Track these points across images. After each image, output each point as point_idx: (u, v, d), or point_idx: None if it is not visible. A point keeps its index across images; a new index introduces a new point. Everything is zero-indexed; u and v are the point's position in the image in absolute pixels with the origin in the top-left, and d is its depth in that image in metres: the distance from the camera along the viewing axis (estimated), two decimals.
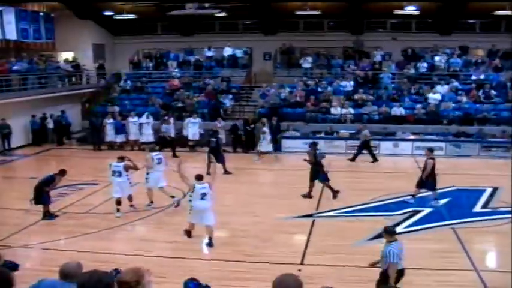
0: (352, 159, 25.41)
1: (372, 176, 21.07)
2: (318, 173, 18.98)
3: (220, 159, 22.05)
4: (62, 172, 17.17)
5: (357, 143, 26.04)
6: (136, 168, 17.77)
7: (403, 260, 10.23)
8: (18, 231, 15.48)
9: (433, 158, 18.04)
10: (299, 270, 11.79)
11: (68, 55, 35.59)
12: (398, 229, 15.15)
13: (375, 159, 25.32)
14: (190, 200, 14.55)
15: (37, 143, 30.13)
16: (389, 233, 10.39)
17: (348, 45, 34.65)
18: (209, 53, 35.47)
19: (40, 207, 16.81)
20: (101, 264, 6.52)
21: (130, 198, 17.58)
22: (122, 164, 17.16)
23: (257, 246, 14.01)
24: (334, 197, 18.75)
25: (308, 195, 18.90)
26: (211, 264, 12.81)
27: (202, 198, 14.32)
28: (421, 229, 15.35)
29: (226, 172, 22.19)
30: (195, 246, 14.37)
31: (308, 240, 14.59)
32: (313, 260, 12.98)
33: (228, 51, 35.03)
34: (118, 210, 17.04)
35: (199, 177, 14.73)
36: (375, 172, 21.71)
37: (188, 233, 14.85)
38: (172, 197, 17.97)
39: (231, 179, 21.54)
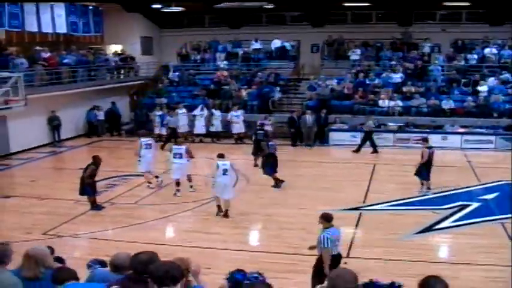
0: (357, 151, 25.61)
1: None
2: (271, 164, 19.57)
3: (258, 153, 22.13)
4: (94, 159, 17.23)
5: (404, 135, 25.85)
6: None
7: (339, 246, 10.46)
8: (68, 221, 15.77)
9: (430, 147, 18.48)
10: (345, 263, 11.75)
11: (117, 48, 35.98)
12: (446, 223, 15.08)
13: (375, 151, 25.45)
14: (213, 177, 15.91)
15: (94, 134, 30.91)
16: (324, 218, 10.57)
17: (397, 36, 34.23)
18: (256, 45, 35.45)
19: (87, 197, 17.10)
20: None
21: (189, 178, 18.78)
22: (183, 146, 18.67)
23: (303, 238, 13.95)
24: (276, 186, 19.33)
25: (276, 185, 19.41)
26: (258, 256, 12.83)
27: (224, 174, 15.89)
28: (468, 223, 15.13)
29: (256, 165, 22.20)
30: (241, 237, 14.46)
31: (354, 234, 14.55)
32: (359, 253, 12.92)
33: (276, 43, 34.94)
34: (178, 190, 18.35)
35: (221, 155, 16.45)
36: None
37: (219, 209, 16.17)
38: (157, 177, 19.61)
39: (280, 171, 21.52)
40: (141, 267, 5.21)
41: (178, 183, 18.43)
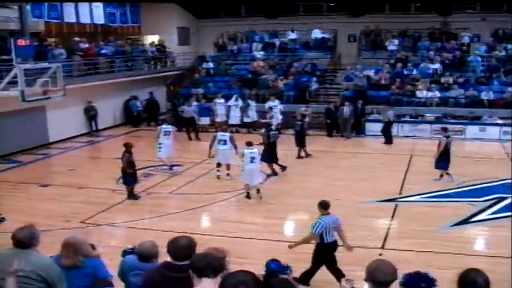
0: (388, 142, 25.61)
1: (457, 160, 20.60)
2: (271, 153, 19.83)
3: (301, 144, 22.09)
4: (126, 146, 17.26)
5: (441, 127, 25.66)
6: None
7: (333, 236, 10.62)
8: (105, 209, 15.96)
9: (447, 137, 18.66)
10: (380, 254, 11.72)
11: (154, 38, 36.17)
12: (483, 216, 14.92)
13: (389, 142, 25.52)
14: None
15: (131, 124, 31.17)
16: (321, 206, 10.95)
17: (435, 26, 33.84)
18: (292, 36, 35.35)
19: (124, 186, 17.30)
20: None
21: (228, 167, 19.35)
22: (227, 133, 19.55)
23: None
24: (273, 174, 19.80)
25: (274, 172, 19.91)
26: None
27: (251, 162, 16.80)
28: (505, 216, 14.88)
29: (299, 157, 22.23)
30: (277, 228, 14.47)
31: (390, 225, 14.49)
32: (395, 244, 12.86)
33: (316, 33, 34.77)
34: (218, 171, 19.38)
35: (249, 144, 17.26)
36: (459, 157, 21.23)
37: (248, 196, 17.08)
38: (171, 168, 20.61)
39: (315, 162, 21.50)
40: (180, 252, 5.27)
41: (219, 165, 19.44)
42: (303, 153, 22.31)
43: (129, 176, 16.98)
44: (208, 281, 4.54)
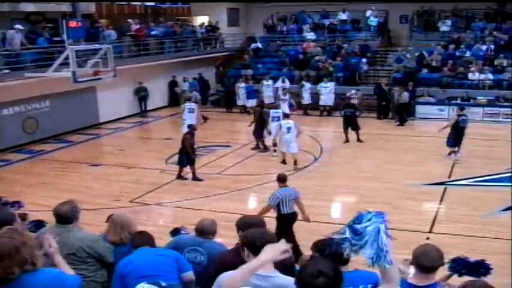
0: (401, 124, 25.63)
1: (508, 145, 20.27)
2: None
3: (356, 127, 21.99)
4: (189, 128, 17.49)
5: (494, 110, 25.25)
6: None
7: (291, 208, 11.07)
8: (154, 189, 16.15)
9: (460, 115, 18.96)
10: (427, 238, 11.61)
11: (203, 19, 36.23)
12: None
13: (401, 124, 25.68)
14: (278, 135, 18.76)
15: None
16: (278, 179, 11.57)
17: (491, 6, 33.04)
18: (343, 16, 35.04)
19: (173, 167, 17.47)
20: (229, 223, 6.69)
21: (275, 143, 19.70)
22: (279, 110, 20.64)
23: (387, 212, 13.84)
24: (257, 148, 20.83)
25: (261, 148, 20.82)
26: (338, 228, 12.77)
27: (288, 132, 18.34)
28: None
29: (359, 140, 21.98)
30: (322, 210, 14.40)
31: (438, 208, 14.34)
32: (442, 228, 12.74)
33: (369, 14, 34.34)
34: (275, 151, 19.87)
35: (285, 116, 19.52)
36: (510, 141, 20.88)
37: (283, 162, 18.66)
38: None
39: (364, 144, 21.33)
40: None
41: (275, 144, 19.73)
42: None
43: (185, 156, 17.03)
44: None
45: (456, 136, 18.91)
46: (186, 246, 6.58)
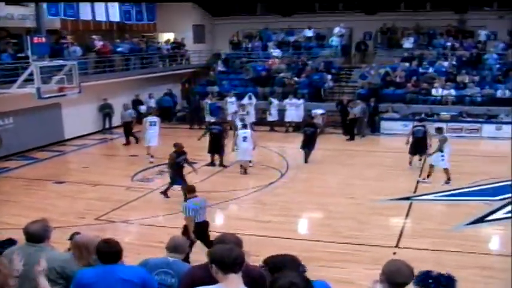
0: (351, 139, 25.82)
1: (472, 159, 20.58)
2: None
3: (310, 147, 21.56)
4: (174, 146, 17.20)
5: (457, 125, 25.59)
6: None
7: (203, 214, 11.57)
8: (120, 206, 16.03)
9: (415, 126, 20.61)
10: (394, 253, 11.70)
11: (169, 36, 36.24)
12: (499, 215, 14.84)
13: (352, 138, 25.85)
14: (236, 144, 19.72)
15: (168, 119, 30.43)
16: (187, 190, 12.24)
17: (451, 24, 33.64)
18: (309, 33, 35.32)
19: (139, 184, 17.38)
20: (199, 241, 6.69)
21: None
22: (249, 130, 20.32)
23: (353, 228, 13.97)
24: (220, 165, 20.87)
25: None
26: (307, 244, 12.83)
27: (244, 141, 19.48)
28: None
29: (306, 161, 21.39)
30: (290, 226, 14.48)
31: (404, 223, 14.45)
32: (409, 243, 12.82)
33: (337, 31, 34.64)
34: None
35: (244, 126, 20.39)
36: (475, 156, 21.17)
37: (241, 167, 19.78)
38: (152, 156, 21.60)
39: (330, 160, 21.43)
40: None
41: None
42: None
43: (175, 176, 16.79)
44: (234, 277, 4.44)
45: (413, 145, 20.09)
46: (156, 268, 6.54)
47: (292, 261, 4.96)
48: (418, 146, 19.98)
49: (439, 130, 19.35)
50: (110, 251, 5.55)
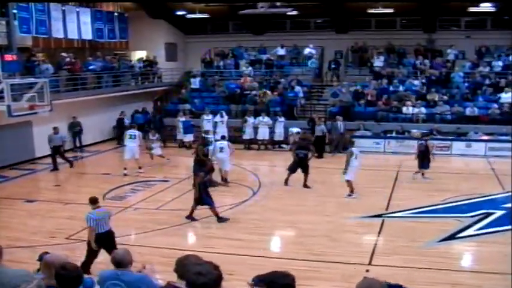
0: (319, 156, 25.76)
1: (443, 176, 20.78)
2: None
3: (306, 171, 20.86)
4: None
5: (429, 142, 25.89)
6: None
7: (105, 225, 11.88)
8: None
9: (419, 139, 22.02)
10: (367, 270, 11.74)
11: (141, 54, 36.24)
12: (470, 231, 14.97)
13: (320, 156, 25.84)
14: (213, 155, 20.58)
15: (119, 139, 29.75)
16: (90, 201, 12.35)
17: (421, 43, 34.08)
18: (281, 52, 35.53)
19: (111, 202, 17.30)
20: (168, 259, 6.66)
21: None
22: (225, 142, 21.57)
23: (325, 245, 13.99)
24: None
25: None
26: (279, 262, 12.81)
27: (220, 151, 20.62)
28: (492, 232, 14.97)
29: (306, 186, 20.62)
30: (262, 244, 14.46)
31: (377, 241, 14.50)
32: (381, 260, 12.86)
33: (307, 51, 34.94)
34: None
35: (222, 137, 22.10)
36: (446, 173, 21.39)
37: (225, 180, 20.70)
38: (140, 167, 22.63)
39: (302, 178, 21.44)
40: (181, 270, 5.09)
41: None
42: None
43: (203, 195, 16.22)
44: None
45: (420, 159, 21.04)
46: (107, 280, 6.56)
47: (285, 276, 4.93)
48: (424, 159, 20.85)
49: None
50: (68, 276, 5.43)
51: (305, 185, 20.46)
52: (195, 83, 34.20)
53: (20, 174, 23.39)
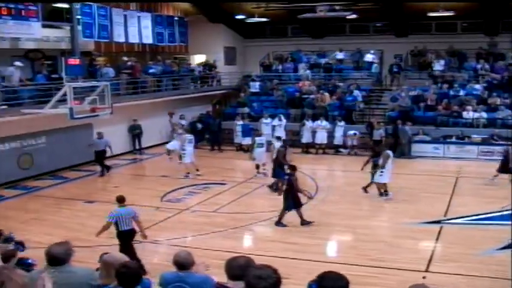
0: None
1: (503, 183, 20.37)
2: None
3: None
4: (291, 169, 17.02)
5: (488, 148, 25.42)
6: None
7: (129, 224, 12.69)
8: (149, 226, 16.02)
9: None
10: (424, 277, 11.60)
11: (201, 58, 36.57)
12: None
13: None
14: (253, 149, 22.90)
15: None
16: (117, 200, 13.26)
17: (482, 46, 33.47)
18: (340, 56, 35.39)
19: (168, 204, 17.49)
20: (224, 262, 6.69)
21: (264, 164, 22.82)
22: (264, 137, 23.60)
23: (382, 251, 13.89)
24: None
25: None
26: (336, 267, 12.67)
27: (258, 147, 22.53)
28: None
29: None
30: (318, 248, 14.44)
31: (435, 247, 14.33)
32: (439, 267, 12.70)
33: (368, 58, 34.81)
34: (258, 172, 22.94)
35: (258, 135, 23.72)
36: (506, 179, 20.98)
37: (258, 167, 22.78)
38: (197, 170, 23.26)
39: (360, 182, 21.32)
40: (238, 272, 5.15)
41: (257, 166, 22.90)
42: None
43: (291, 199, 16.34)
44: None
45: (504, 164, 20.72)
46: (170, 282, 6.61)
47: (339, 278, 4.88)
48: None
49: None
50: (130, 274, 5.52)
51: (365, 189, 20.07)
52: (255, 86, 34.33)
53: (80, 176, 23.91)
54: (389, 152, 19.26)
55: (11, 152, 22.64)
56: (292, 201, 16.20)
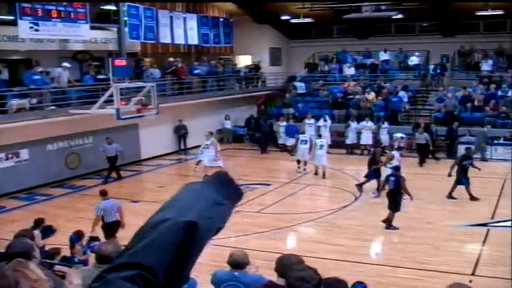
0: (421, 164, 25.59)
1: None
2: None
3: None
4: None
5: None
6: None
7: (113, 216, 13.72)
8: None
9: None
10: (470, 281, 11.44)
11: (246, 58, 36.67)
12: None
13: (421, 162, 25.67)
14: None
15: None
16: (100, 193, 14.41)
17: None
18: (384, 56, 35.13)
19: None
20: (269, 263, 6.75)
21: (305, 163, 23.75)
22: (324, 140, 23.91)
23: (428, 253, 13.76)
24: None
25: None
26: (381, 269, 12.73)
27: (320, 148, 22.59)
28: None
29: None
30: (363, 250, 14.38)
31: (481, 250, 14.13)
32: (485, 271, 12.55)
33: (413, 61, 34.55)
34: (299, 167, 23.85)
35: (319, 136, 23.87)
36: None
37: (323, 174, 22.68)
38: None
39: (408, 185, 21.10)
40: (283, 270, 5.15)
41: (299, 161, 23.67)
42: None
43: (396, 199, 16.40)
44: None
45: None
46: (224, 281, 6.65)
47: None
48: None
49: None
50: None
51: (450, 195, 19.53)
52: (301, 87, 34.26)
53: (126, 175, 24.14)
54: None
55: (59, 151, 23.06)
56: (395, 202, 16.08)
